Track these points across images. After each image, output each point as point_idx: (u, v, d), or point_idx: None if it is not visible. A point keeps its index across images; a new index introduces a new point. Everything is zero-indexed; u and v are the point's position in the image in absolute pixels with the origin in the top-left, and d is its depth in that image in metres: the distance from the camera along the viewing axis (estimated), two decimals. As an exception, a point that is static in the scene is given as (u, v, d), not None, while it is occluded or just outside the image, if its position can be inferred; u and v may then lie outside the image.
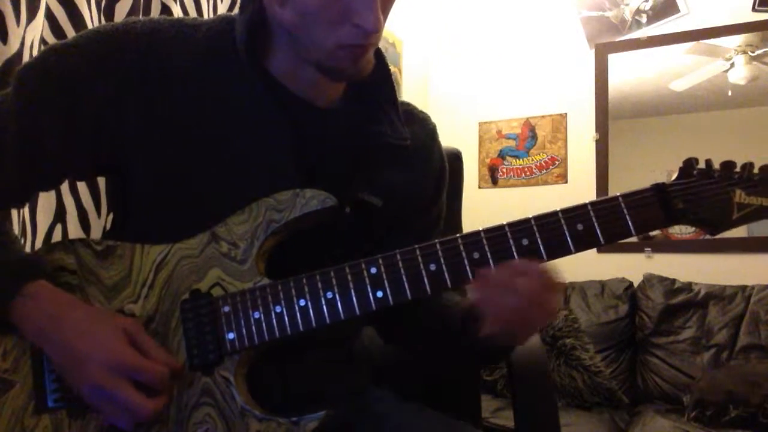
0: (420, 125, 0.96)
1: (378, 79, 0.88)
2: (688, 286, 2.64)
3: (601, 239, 0.74)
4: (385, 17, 0.77)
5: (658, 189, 0.75)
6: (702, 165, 0.76)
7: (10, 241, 0.80)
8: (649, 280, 2.72)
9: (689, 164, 0.76)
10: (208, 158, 0.78)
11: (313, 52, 0.77)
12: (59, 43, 0.81)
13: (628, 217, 0.74)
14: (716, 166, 0.76)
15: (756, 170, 0.75)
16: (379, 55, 0.88)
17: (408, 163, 0.91)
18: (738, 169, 0.75)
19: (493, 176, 3.27)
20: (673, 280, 2.68)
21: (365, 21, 0.72)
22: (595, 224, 0.74)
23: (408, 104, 0.97)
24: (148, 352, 0.71)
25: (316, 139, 0.84)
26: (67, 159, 0.80)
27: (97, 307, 0.76)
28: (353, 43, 0.75)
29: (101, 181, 1.25)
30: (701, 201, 0.74)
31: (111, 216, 1.25)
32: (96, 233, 1.24)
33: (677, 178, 0.76)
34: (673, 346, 2.55)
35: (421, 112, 0.99)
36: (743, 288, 2.56)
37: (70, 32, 1.19)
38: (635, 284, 2.76)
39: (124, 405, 0.68)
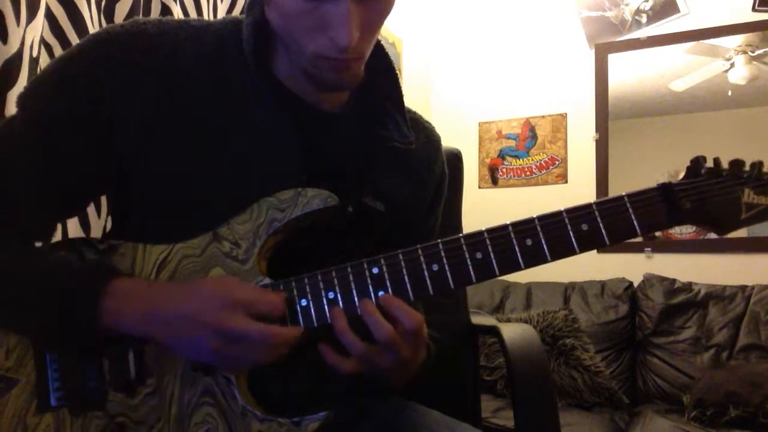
0: (425, 135, 0.96)
1: (385, 83, 0.88)
2: (688, 286, 2.64)
3: (606, 240, 0.73)
4: (371, 32, 0.76)
5: (665, 189, 0.74)
6: (710, 164, 0.75)
7: (66, 256, 0.79)
8: (649, 280, 2.72)
9: (697, 163, 0.75)
10: (212, 159, 0.78)
11: (297, 58, 0.76)
12: (65, 53, 0.79)
13: (633, 218, 0.73)
14: (724, 164, 0.75)
15: (765, 169, 0.74)
16: (386, 59, 0.88)
17: (411, 171, 0.92)
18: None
19: (493, 176, 3.27)
20: (673, 280, 2.68)
21: (338, 36, 0.71)
22: (600, 224, 0.73)
23: (414, 113, 0.97)
24: (251, 309, 0.70)
25: (321, 142, 0.84)
26: (89, 169, 0.78)
27: (180, 280, 0.76)
28: (329, 56, 0.73)
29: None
30: (709, 201, 0.73)
31: (111, 216, 1.25)
32: (96, 233, 1.24)
33: (684, 178, 0.75)
34: (673, 346, 2.56)
35: (427, 122, 1.00)
36: (743, 288, 2.56)
37: (70, 32, 1.18)
38: (635, 284, 2.76)
39: (253, 337, 0.68)
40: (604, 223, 0.73)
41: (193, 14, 1.48)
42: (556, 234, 0.73)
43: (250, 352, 0.70)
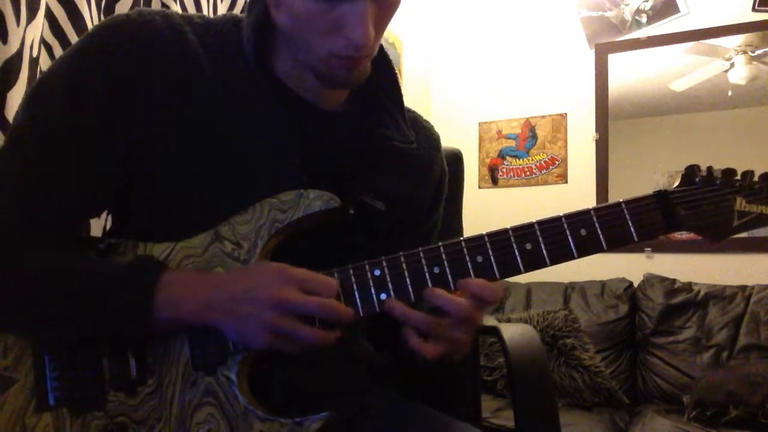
0: (424, 134, 0.96)
1: (384, 82, 0.88)
2: (688, 286, 2.65)
3: (604, 245, 0.75)
4: (382, 30, 0.77)
5: (661, 196, 0.75)
6: (704, 172, 0.76)
7: (111, 258, 0.78)
8: (649, 280, 2.72)
9: (691, 171, 0.77)
10: (212, 158, 0.78)
11: (307, 58, 0.77)
12: (74, 47, 0.78)
13: (630, 224, 0.75)
14: (717, 173, 0.76)
15: (756, 178, 0.76)
16: (385, 58, 0.88)
17: (411, 170, 0.92)
18: (738, 177, 0.76)
19: (493, 176, 3.27)
20: (673, 280, 2.68)
21: (354, 34, 0.71)
22: (598, 230, 0.74)
23: (413, 112, 0.98)
24: (308, 285, 0.71)
25: (321, 141, 0.84)
26: (110, 165, 0.77)
27: (229, 270, 0.76)
28: (344, 54, 0.74)
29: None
30: (702, 208, 0.75)
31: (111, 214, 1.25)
32: (96, 233, 1.24)
33: (679, 185, 0.77)
34: (673, 346, 2.56)
35: (426, 121, 1.00)
36: (743, 288, 2.56)
37: (70, 32, 1.18)
38: (635, 284, 2.77)
39: (297, 339, 0.70)
40: (602, 229, 0.74)
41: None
42: (555, 239, 0.74)
43: (305, 329, 0.70)
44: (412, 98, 3.05)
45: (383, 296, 0.74)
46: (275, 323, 0.69)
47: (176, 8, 1.43)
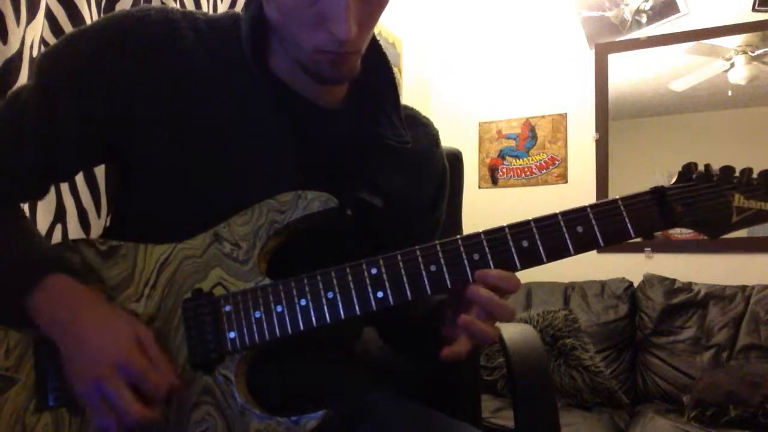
0: (422, 130, 0.96)
1: (381, 81, 0.88)
2: (688, 286, 2.65)
3: (601, 241, 0.74)
4: (369, 26, 0.76)
5: (658, 192, 0.75)
6: (701, 169, 0.76)
7: (33, 236, 0.80)
8: (649, 280, 2.72)
9: (688, 168, 0.76)
10: (209, 156, 0.78)
11: (295, 52, 0.77)
12: (76, 29, 0.81)
13: (627, 220, 0.74)
14: (715, 169, 0.76)
15: (755, 175, 0.76)
16: (383, 57, 0.88)
17: (409, 167, 0.92)
18: (737, 174, 0.76)
19: (493, 176, 3.27)
20: (673, 280, 2.68)
21: (336, 28, 0.71)
22: (595, 227, 0.74)
23: (411, 109, 0.97)
24: (156, 363, 0.70)
25: (317, 138, 0.84)
26: (82, 142, 0.79)
27: (116, 307, 0.75)
28: (329, 49, 0.74)
29: (101, 181, 1.25)
30: (700, 204, 0.75)
31: (113, 214, 1.26)
32: (96, 233, 1.24)
33: (677, 182, 0.76)
34: (673, 346, 2.56)
35: (425, 117, 0.99)
36: (743, 288, 2.56)
37: (71, 32, 1.19)
38: (635, 284, 2.77)
39: (117, 405, 0.67)
40: (599, 226, 0.74)
41: (193, 14, 1.48)
42: (551, 236, 0.74)
43: (105, 411, 0.68)
44: (412, 98, 3.06)
45: (380, 294, 0.74)
46: (102, 382, 0.67)
47: (175, 7, 1.43)
